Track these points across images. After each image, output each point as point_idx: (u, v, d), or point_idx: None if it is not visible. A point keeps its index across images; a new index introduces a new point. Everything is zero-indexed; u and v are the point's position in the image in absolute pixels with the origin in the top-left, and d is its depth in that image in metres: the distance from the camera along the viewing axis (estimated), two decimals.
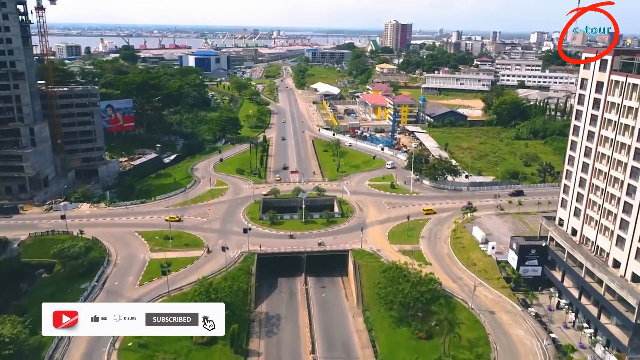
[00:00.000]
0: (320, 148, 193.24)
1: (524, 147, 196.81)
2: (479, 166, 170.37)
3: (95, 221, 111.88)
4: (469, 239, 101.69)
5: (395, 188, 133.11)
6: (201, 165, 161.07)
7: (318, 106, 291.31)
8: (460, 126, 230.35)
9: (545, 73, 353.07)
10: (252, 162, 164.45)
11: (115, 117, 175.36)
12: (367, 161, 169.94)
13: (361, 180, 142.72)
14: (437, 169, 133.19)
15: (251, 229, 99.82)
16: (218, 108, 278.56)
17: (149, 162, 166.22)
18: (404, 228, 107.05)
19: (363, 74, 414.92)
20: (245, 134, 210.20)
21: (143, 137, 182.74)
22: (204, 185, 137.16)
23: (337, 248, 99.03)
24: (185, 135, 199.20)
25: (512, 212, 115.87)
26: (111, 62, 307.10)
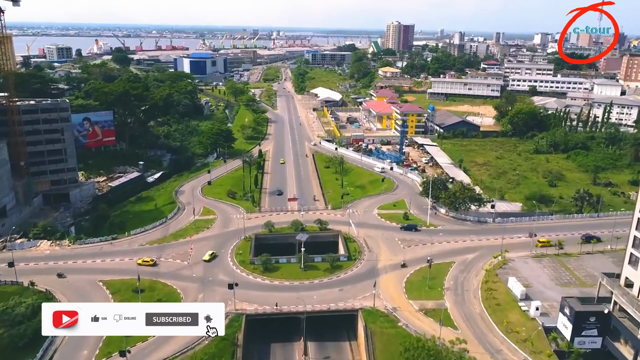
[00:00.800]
0: (321, 163, 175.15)
1: (545, 163, 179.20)
2: (499, 187, 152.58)
3: (54, 265, 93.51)
4: (504, 293, 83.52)
5: (409, 219, 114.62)
6: (188, 186, 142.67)
7: (319, 113, 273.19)
8: (472, 137, 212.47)
9: (558, 78, 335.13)
10: (245, 183, 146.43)
11: (93, 131, 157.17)
12: (373, 181, 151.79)
13: (369, 207, 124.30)
14: (458, 197, 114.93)
15: (238, 284, 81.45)
16: (212, 116, 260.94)
17: (130, 183, 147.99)
18: (424, 276, 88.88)
19: (365, 77, 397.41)
20: (240, 146, 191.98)
21: (125, 153, 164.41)
22: (188, 214, 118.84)
23: (344, 306, 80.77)
24: (173, 149, 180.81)
25: (551, 254, 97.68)
26: (99, 66, 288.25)
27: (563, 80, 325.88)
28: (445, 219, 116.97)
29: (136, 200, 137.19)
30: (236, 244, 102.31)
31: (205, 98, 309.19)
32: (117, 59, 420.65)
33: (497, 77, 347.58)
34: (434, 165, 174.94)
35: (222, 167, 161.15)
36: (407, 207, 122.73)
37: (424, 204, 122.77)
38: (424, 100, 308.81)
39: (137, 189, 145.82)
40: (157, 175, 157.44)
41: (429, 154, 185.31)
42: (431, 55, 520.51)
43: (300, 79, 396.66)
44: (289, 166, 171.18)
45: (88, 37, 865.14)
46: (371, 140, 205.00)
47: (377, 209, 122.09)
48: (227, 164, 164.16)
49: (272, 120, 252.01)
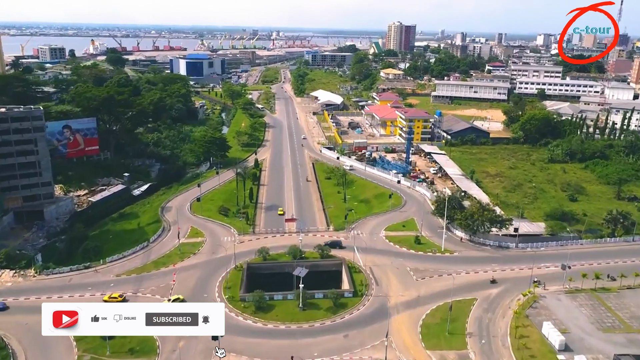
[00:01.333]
0: (322, 174, 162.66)
1: (561, 174, 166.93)
2: (515, 201, 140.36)
3: (14, 302, 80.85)
4: (539, 341, 70.95)
5: (421, 244, 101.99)
6: (176, 201, 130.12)
7: (319, 117, 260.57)
8: (481, 144, 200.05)
9: (567, 80, 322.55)
10: (239, 197, 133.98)
11: (75, 140, 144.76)
12: (379, 195, 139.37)
13: (375, 228, 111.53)
14: (476, 219, 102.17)
15: (223, 336, 68.90)
16: (207, 120, 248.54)
17: (114, 197, 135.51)
18: (442, 317, 76.32)
19: (367, 79, 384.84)
20: (235, 154, 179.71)
21: (110, 163, 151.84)
22: (174, 236, 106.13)
23: (351, 358, 68.16)
24: (163, 158, 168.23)
25: (587, 289, 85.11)
26: (89, 68, 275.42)
27: (573, 83, 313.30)
28: (462, 243, 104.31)
29: (119, 217, 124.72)
30: (225, 274, 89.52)
31: (200, 101, 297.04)
32: (111, 60, 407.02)
33: (503, 79, 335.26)
34: (443, 177, 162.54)
35: (214, 179, 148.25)
36: (417, 228, 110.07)
37: (437, 225, 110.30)
38: (428, 104, 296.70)
39: (122, 204, 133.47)
40: (144, 187, 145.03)
41: (437, 163, 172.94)
42: (433, 57, 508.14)
43: (299, 80, 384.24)
44: (287, 178, 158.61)
45: (86, 37, 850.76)
46: (375, 148, 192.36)
47: (385, 230, 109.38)
48: (221, 175, 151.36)
49: (270, 125, 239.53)
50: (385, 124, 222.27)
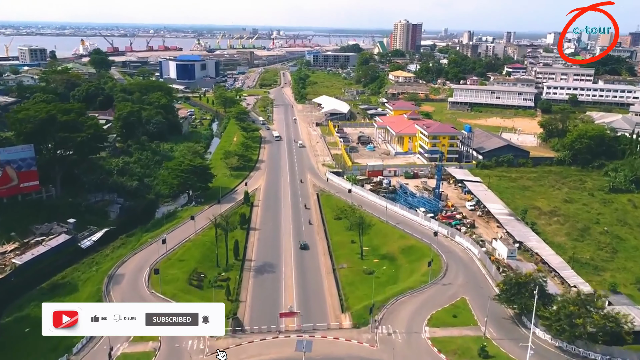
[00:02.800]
0: (329, 211, 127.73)
1: (632, 209, 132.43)
2: (589, 257, 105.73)
3: None
4: None
5: (490, 358, 66.35)
6: (133, 263, 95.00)
7: (323, 129, 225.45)
8: (520, 166, 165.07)
9: (601, 85, 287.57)
10: (219, 255, 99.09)
11: (4, 174, 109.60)
12: (406, 249, 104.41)
13: (413, 321, 74.35)
14: (577, 324, 65.63)
15: None
16: (193, 134, 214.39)
17: (52, 252, 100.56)
18: None
19: (374, 82, 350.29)
20: (221, 182, 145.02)
21: (54, 203, 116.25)
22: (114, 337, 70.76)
23: None
24: (128, 191, 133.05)
25: None
26: (60, 73, 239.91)
27: (608, 87, 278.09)
28: (550, 351, 68.84)
29: (50, 289, 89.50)
30: None
31: (189, 109, 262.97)
32: (95, 62, 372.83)
33: (528, 83, 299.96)
34: (484, 215, 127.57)
35: (188, 226, 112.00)
36: (474, 319, 74.58)
37: (502, 313, 75.06)
38: (445, 112, 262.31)
39: (62, 263, 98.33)
40: (98, 235, 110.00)
41: (471, 194, 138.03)
42: (443, 57, 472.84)
43: (300, 84, 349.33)
44: (286, 217, 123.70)
45: (84, 36, 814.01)
46: (392, 173, 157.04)
47: (428, 326, 73.06)
48: (200, 215, 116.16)
49: (267, 139, 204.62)
50: (403, 139, 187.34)
